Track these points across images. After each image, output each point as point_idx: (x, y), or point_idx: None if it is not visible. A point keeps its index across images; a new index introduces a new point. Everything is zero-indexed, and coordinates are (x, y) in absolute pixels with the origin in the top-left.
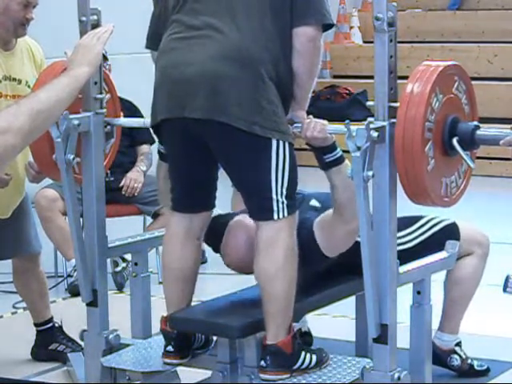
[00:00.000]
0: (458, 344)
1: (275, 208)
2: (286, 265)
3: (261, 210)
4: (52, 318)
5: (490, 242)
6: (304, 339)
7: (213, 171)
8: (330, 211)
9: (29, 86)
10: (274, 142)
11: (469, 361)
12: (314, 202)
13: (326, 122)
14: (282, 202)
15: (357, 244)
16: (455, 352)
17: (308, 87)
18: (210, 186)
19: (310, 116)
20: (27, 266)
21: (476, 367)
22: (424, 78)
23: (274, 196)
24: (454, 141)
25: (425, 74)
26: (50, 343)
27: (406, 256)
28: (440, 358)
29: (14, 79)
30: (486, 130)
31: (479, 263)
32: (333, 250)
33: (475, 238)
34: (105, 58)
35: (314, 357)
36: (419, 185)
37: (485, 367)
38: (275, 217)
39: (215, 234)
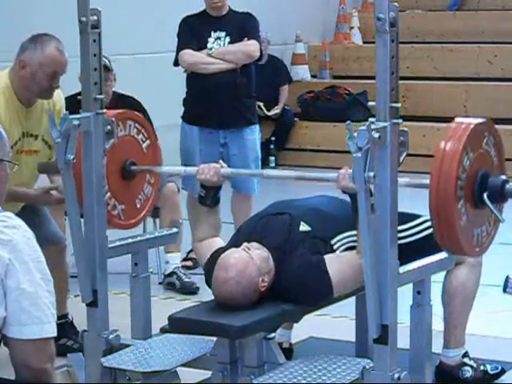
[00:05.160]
0: (466, 355)
1: None
2: None
3: None
4: (67, 314)
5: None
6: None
7: None
8: (345, 255)
9: (43, 141)
10: None
11: (481, 367)
12: (303, 227)
13: None
14: None
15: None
16: (465, 364)
17: None
18: None
19: (346, 167)
20: (54, 260)
21: (490, 371)
22: (456, 137)
23: None
24: (485, 196)
25: (456, 133)
26: (59, 338)
27: None
28: (451, 374)
29: (31, 135)
30: None
31: (470, 272)
32: (345, 288)
33: None
34: (107, 68)
35: None
36: (452, 240)
37: (499, 369)
38: None
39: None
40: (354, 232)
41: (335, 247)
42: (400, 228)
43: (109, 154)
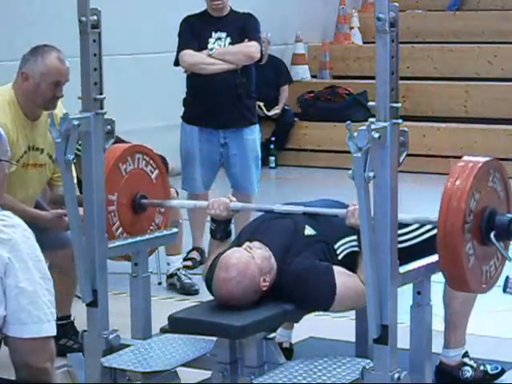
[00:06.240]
0: (466, 355)
1: None
2: None
3: None
4: (70, 315)
5: None
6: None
7: None
8: (354, 275)
9: (48, 155)
10: None
11: (481, 367)
12: (308, 231)
13: None
14: None
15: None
16: (465, 364)
17: None
18: None
19: (354, 202)
20: (62, 264)
21: (490, 371)
22: (463, 177)
23: None
24: (492, 236)
25: (463, 173)
26: (59, 338)
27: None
28: (451, 374)
29: (37, 149)
30: None
31: None
32: (343, 305)
33: None
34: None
35: None
36: (461, 281)
37: (499, 369)
38: None
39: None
40: (355, 237)
41: (338, 251)
42: (400, 232)
43: (119, 189)
